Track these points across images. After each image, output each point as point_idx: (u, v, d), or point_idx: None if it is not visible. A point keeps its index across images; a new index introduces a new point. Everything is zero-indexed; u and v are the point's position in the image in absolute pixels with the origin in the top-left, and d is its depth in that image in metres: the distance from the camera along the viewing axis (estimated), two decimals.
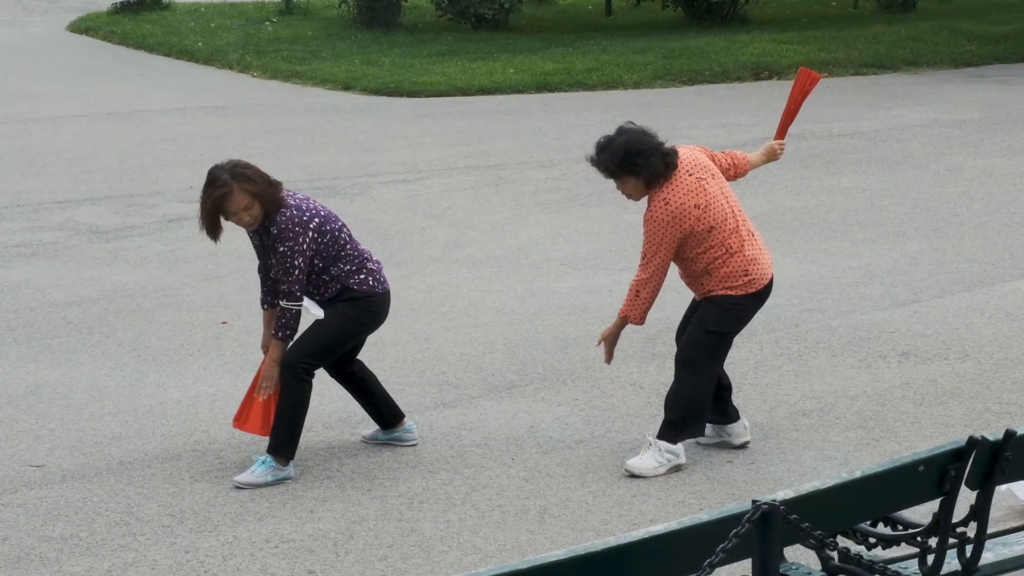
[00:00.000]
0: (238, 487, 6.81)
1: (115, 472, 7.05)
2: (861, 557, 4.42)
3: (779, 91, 15.03)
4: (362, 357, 7.29)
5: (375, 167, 14.26)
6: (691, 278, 6.99)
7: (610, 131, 6.87)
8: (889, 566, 4.46)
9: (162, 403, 7.96)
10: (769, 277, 6.96)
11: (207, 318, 9.53)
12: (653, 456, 6.89)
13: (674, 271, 7.01)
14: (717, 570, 3.87)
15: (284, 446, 6.88)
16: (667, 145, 6.82)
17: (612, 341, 7.03)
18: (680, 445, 6.93)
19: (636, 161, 6.71)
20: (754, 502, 3.97)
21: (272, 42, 23.01)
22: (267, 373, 6.91)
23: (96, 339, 9.13)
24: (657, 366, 8.27)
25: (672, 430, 6.91)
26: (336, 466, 7.07)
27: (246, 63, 21.47)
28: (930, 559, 4.50)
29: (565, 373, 8.31)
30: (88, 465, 7.15)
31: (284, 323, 6.84)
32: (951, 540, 4.52)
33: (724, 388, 7.16)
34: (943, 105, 17.17)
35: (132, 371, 8.52)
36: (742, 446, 7.18)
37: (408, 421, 7.34)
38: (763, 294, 6.97)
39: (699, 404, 6.92)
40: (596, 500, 6.64)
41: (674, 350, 7.13)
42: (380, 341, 8.34)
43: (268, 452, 6.89)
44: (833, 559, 4.59)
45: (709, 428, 7.15)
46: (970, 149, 14.53)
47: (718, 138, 14.66)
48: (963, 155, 14.22)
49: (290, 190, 6.92)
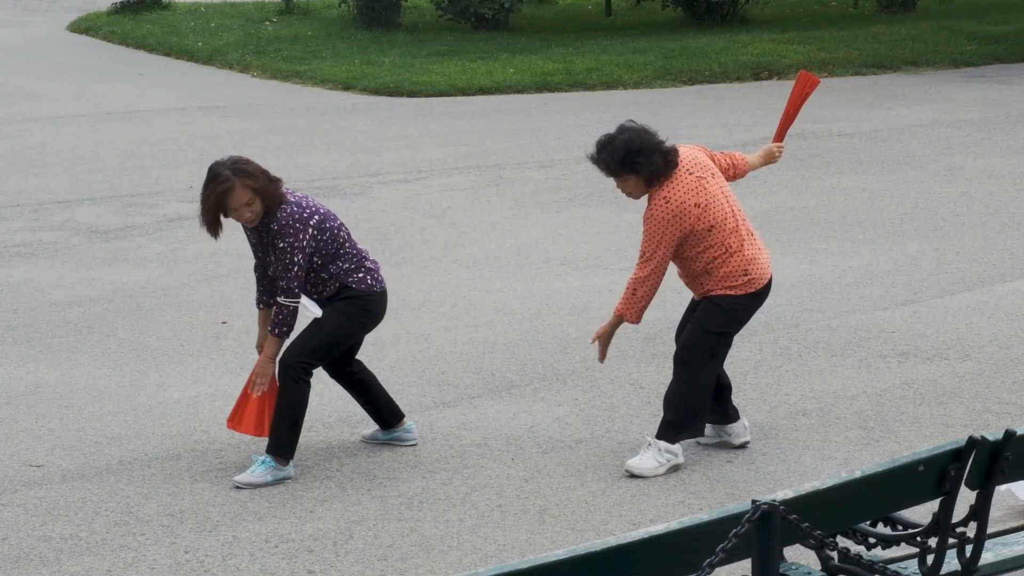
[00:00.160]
0: (238, 487, 6.81)
1: (115, 472, 7.05)
2: (861, 557, 4.42)
3: (779, 91, 15.06)
4: (362, 357, 7.28)
5: (375, 167, 14.26)
6: (690, 278, 6.99)
7: (611, 130, 6.88)
8: (889, 566, 4.46)
9: (162, 403, 7.96)
10: (768, 277, 6.96)
11: (207, 318, 9.53)
12: (653, 456, 6.88)
13: (673, 271, 7.01)
14: (717, 570, 3.88)
15: (284, 446, 6.88)
16: (667, 144, 6.82)
17: (606, 340, 7.01)
18: (679, 445, 6.93)
19: (637, 159, 6.71)
20: (754, 502, 3.97)
21: (272, 42, 23.00)
22: (261, 370, 6.91)
23: (96, 339, 9.13)
24: (657, 366, 8.27)
25: (671, 430, 6.91)
26: (336, 466, 7.07)
27: (246, 63, 21.47)
28: (930, 559, 4.50)
29: (565, 373, 8.31)
30: (88, 465, 7.15)
31: (281, 319, 6.83)
32: (951, 540, 4.52)
33: (724, 388, 7.16)
34: (943, 105, 17.16)
35: (132, 371, 8.52)
36: (742, 446, 7.18)
37: (408, 421, 7.34)
38: (762, 294, 6.97)
39: (698, 404, 6.92)
40: (596, 500, 6.63)
41: (673, 350, 7.12)
42: (380, 341, 8.34)
43: (268, 452, 6.89)
44: (833, 559, 4.59)
45: (709, 428, 7.15)
46: (970, 149, 14.53)
47: (718, 138, 14.66)
48: (963, 155, 14.22)
49: (288, 188, 6.92)
